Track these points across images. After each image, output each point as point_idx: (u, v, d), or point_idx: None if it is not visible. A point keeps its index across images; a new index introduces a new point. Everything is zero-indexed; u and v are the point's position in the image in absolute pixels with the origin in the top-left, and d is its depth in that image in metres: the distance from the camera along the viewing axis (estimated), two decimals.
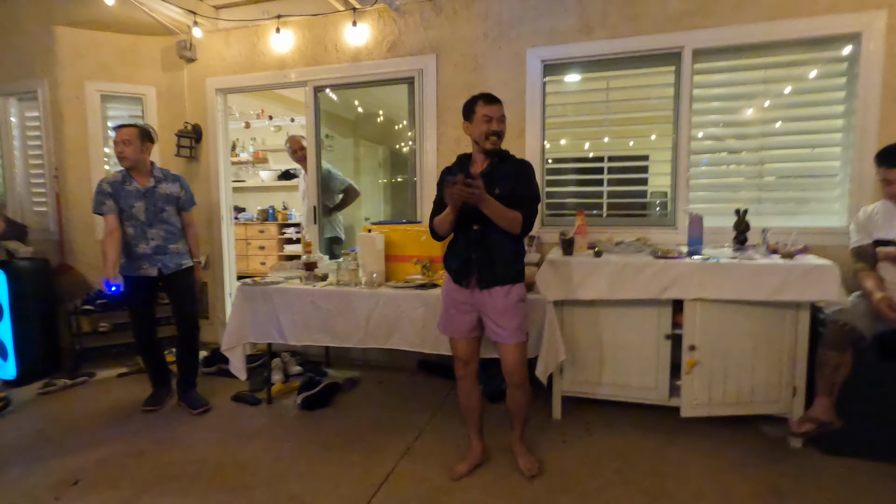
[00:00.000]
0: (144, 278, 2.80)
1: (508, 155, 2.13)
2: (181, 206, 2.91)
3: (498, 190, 1.99)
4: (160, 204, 2.81)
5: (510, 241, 2.06)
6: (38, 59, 3.77)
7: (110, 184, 2.75)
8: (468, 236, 2.07)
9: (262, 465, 2.26)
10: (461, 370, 2.18)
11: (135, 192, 2.76)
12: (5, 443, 2.52)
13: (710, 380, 2.38)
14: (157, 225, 2.81)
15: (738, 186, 2.98)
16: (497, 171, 2.05)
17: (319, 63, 3.53)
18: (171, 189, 2.85)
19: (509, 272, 2.06)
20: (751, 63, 2.82)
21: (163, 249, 2.82)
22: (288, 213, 6.91)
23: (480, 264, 2.05)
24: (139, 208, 2.76)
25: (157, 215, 2.80)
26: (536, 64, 3.06)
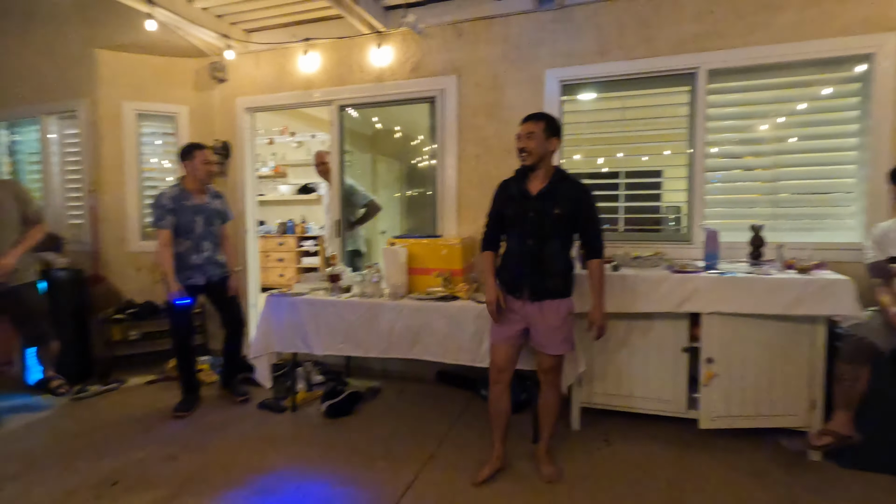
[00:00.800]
0: (192, 287, 3.00)
1: (567, 174, 2.23)
2: (223, 220, 3.18)
3: (557, 210, 2.12)
4: (212, 218, 3.08)
5: (562, 257, 2.18)
6: (79, 80, 3.98)
7: (172, 199, 2.93)
8: (522, 251, 2.19)
9: (289, 471, 2.34)
10: (496, 376, 2.28)
11: (193, 207, 2.99)
12: (45, 444, 2.64)
13: (728, 392, 2.42)
14: (209, 237, 3.06)
15: (752, 202, 3.04)
16: (557, 191, 2.16)
17: (344, 83, 3.68)
18: (218, 204, 3.15)
19: (560, 286, 2.18)
20: (764, 83, 2.89)
21: (211, 260, 3.07)
22: (306, 226, 7.07)
23: (533, 278, 2.17)
24: (198, 222, 2.99)
25: (209, 229, 3.06)
26: (554, 84, 3.17)
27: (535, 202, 2.16)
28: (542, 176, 2.18)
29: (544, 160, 2.17)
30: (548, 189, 2.16)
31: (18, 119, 4.31)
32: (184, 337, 3.05)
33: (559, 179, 2.18)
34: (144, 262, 4.03)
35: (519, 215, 2.19)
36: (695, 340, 2.49)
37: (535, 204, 2.16)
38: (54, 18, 4.08)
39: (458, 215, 3.42)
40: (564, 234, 2.19)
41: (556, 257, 2.16)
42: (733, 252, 2.77)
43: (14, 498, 2.13)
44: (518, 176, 2.25)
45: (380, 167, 5.60)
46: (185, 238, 2.97)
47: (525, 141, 2.14)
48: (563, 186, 2.17)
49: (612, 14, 3.06)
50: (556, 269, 2.17)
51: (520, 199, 2.20)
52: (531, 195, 2.17)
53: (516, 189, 2.23)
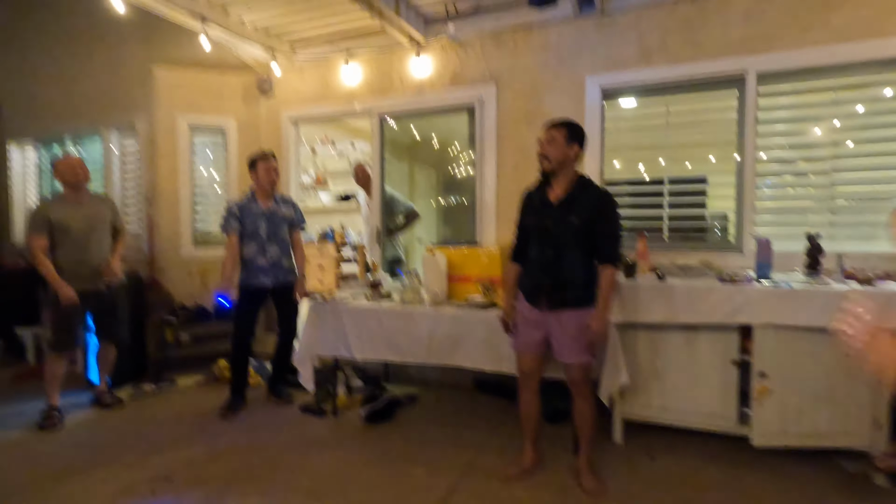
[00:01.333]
0: (259, 289, 3.14)
1: (590, 183, 2.18)
2: (293, 226, 3.30)
3: (576, 219, 2.09)
4: (278, 223, 3.20)
5: (582, 266, 2.13)
6: (138, 96, 4.23)
7: (239, 207, 3.13)
8: (542, 260, 2.17)
9: (332, 473, 2.38)
10: (523, 381, 2.30)
11: (259, 212, 3.14)
12: (104, 440, 2.79)
13: (784, 409, 2.30)
14: (275, 242, 3.17)
15: (805, 210, 2.90)
16: (576, 200, 2.12)
17: (385, 94, 3.76)
18: (287, 211, 3.26)
19: (579, 296, 2.13)
20: (819, 85, 2.78)
21: (278, 264, 3.19)
22: (345, 233, 7.23)
23: (551, 287, 2.14)
24: (263, 227, 3.13)
25: (276, 233, 3.17)
26: (595, 90, 3.14)
27: (554, 211, 2.14)
28: (564, 184, 2.16)
29: (565, 167, 2.14)
30: (567, 198, 2.13)
31: (83, 133, 4.61)
32: (244, 337, 3.18)
33: (580, 188, 2.15)
34: (196, 268, 4.22)
35: (538, 224, 2.18)
36: (746, 353, 2.39)
37: (554, 213, 2.14)
38: (117, 39, 4.36)
39: (497, 223, 3.42)
40: (584, 244, 2.12)
41: (576, 267, 2.12)
42: (785, 262, 2.65)
43: (77, 490, 2.25)
44: (540, 184, 2.24)
45: (416, 176, 5.67)
46: (251, 242, 3.12)
47: (546, 147, 2.14)
48: (583, 195, 2.13)
49: (656, 19, 3.01)
50: (574, 279, 2.13)
51: (540, 208, 2.19)
52: (551, 204, 2.16)
53: (537, 198, 2.23)
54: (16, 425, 2.97)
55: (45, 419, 2.94)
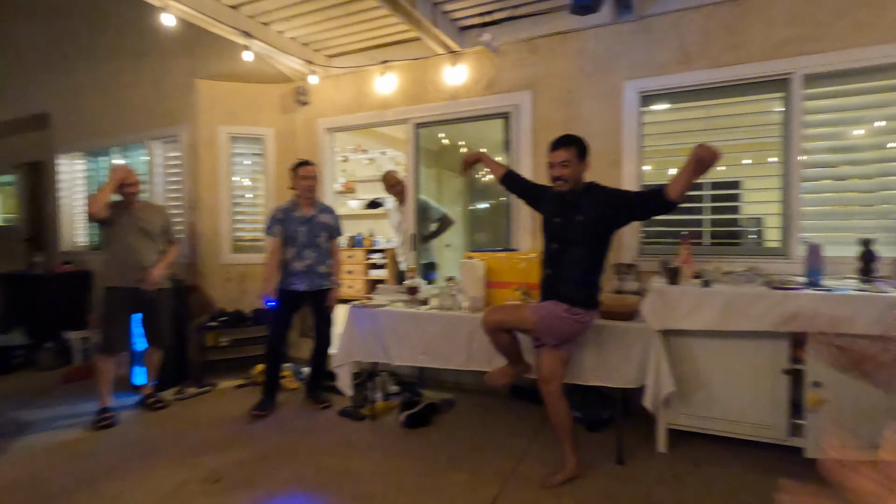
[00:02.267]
0: (294, 292, 3.23)
1: (594, 185, 2.29)
2: (331, 234, 3.37)
3: (581, 217, 2.19)
4: (317, 230, 3.28)
5: (582, 266, 2.21)
6: (180, 108, 4.39)
7: (282, 211, 3.25)
8: (548, 253, 2.30)
9: (376, 478, 2.40)
10: (542, 387, 2.32)
11: (299, 218, 3.24)
12: (152, 441, 2.88)
13: (839, 419, 2.23)
14: (312, 248, 3.25)
15: (851, 214, 2.81)
16: (582, 201, 2.23)
17: (420, 102, 3.81)
18: (326, 219, 3.35)
19: (571, 293, 2.20)
20: (868, 86, 2.70)
21: (313, 269, 3.26)
22: (374, 239, 7.31)
23: (549, 281, 2.25)
24: (301, 232, 3.22)
25: (313, 240, 3.26)
26: (633, 95, 3.12)
27: (563, 208, 2.27)
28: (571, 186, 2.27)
29: (578, 183, 2.25)
30: (572, 197, 2.24)
31: (128, 144, 4.80)
32: (278, 338, 3.29)
33: (586, 189, 2.26)
34: (234, 274, 4.33)
35: (548, 220, 2.33)
36: (797, 362, 2.33)
37: (563, 210, 2.26)
38: (161, 53, 4.54)
39: (534, 229, 3.41)
40: (590, 242, 2.21)
41: (578, 265, 2.20)
42: (835, 268, 2.57)
43: (129, 488, 2.33)
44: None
45: (445, 182, 5.71)
46: (290, 246, 3.22)
47: (560, 169, 2.21)
48: (588, 194, 2.23)
49: (695, 22, 2.98)
50: (574, 277, 2.20)
51: (551, 203, 2.35)
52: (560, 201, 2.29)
53: (553, 192, 2.36)
54: (68, 425, 3.10)
55: (100, 419, 3.06)
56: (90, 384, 3.59)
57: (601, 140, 3.19)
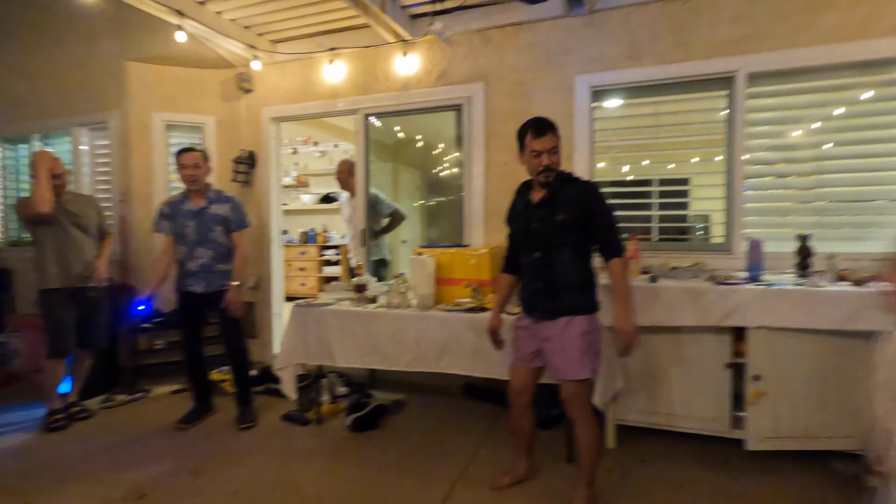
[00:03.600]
0: (192, 294, 2.94)
1: (571, 177, 2.04)
2: (228, 227, 2.99)
3: (561, 216, 1.94)
4: (209, 224, 2.94)
5: (576, 268, 1.97)
6: (110, 93, 4.05)
7: (169, 205, 2.96)
8: (531, 264, 2.03)
9: (319, 487, 2.27)
10: (514, 398, 2.16)
11: (188, 212, 2.93)
12: (74, 454, 2.63)
13: (778, 412, 2.28)
14: (205, 244, 2.93)
15: (793, 211, 2.90)
16: (559, 197, 1.98)
17: (370, 92, 3.67)
18: (220, 210, 2.98)
19: (575, 302, 1.96)
20: (806, 86, 2.78)
21: (209, 268, 2.94)
22: (328, 235, 7.09)
23: (544, 294, 1.98)
24: (191, 227, 2.91)
25: (206, 235, 2.93)
26: (585, 90, 3.10)
27: (538, 210, 2.00)
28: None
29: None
30: (549, 195, 1.98)
31: (51, 131, 4.40)
32: (189, 345, 3.01)
33: (561, 183, 1.99)
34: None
35: (523, 227, 2.04)
36: (739, 356, 2.37)
37: (538, 212, 1.99)
38: (86, 32, 4.17)
39: (486, 224, 3.35)
40: (575, 242, 1.96)
41: (568, 269, 1.94)
42: (775, 263, 2.64)
43: None
44: (522, 188, 2.13)
45: (401, 176, 5.58)
46: (180, 244, 2.93)
47: (549, 157, 1.93)
48: (565, 190, 1.98)
49: (645, 18, 2.98)
50: (569, 282, 1.94)
51: (523, 211, 2.06)
52: (532, 204, 2.02)
53: (520, 201, 2.10)
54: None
55: (51, 422, 2.95)
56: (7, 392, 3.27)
57: None
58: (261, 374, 3.61)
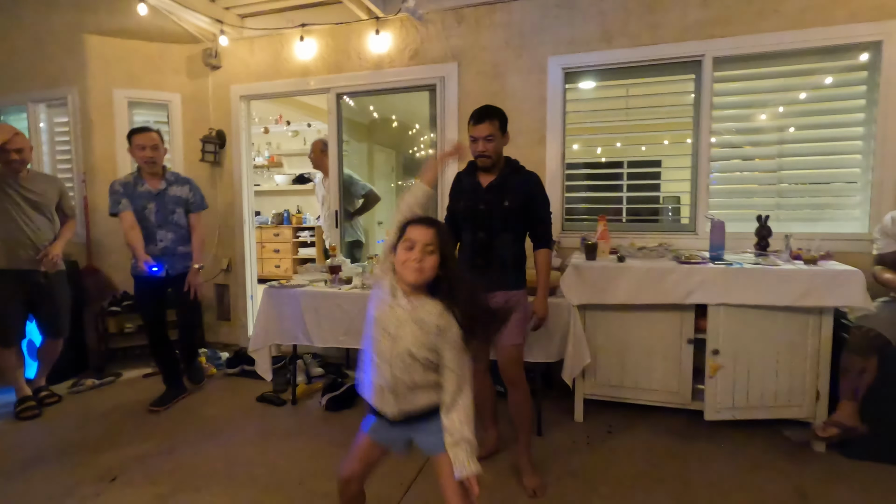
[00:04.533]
0: (150, 278, 2.83)
1: (518, 166, 2.21)
2: (188, 209, 2.98)
3: (507, 202, 2.09)
4: (170, 206, 2.90)
5: (513, 249, 2.15)
6: (68, 67, 3.87)
7: (122, 185, 2.84)
8: (474, 243, 2.16)
9: (293, 465, 2.31)
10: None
11: (146, 193, 2.85)
12: (42, 440, 2.59)
13: (734, 384, 2.41)
14: (167, 227, 2.89)
15: (754, 193, 3.01)
16: (507, 183, 2.13)
17: (342, 70, 3.60)
18: (180, 192, 2.94)
19: (511, 279, 2.14)
20: (770, 71, 2.85)
21: (171, 251, 2.92)
22: (303, 216, 7.01)
23: (484, 271, 2.13)
24: (150, 210, 2.84)
25: (167, 217, 2.89)
26: (557, 72, 3.11)
27: (486, 194, 2.14)
28: (495, 168, 2.16)
29: (500, 160, 2.16)
30: (498, 181, 2.14)
31: (5, 107, 4.19)
32: (153, 330, 2.96)
33: (511, 171, 2.16)
34: None
35: (470, 208, 2.17)
36: (700, 332, 2.47)
37: (486, 196, 2.13)
38: (42, 3, 3.95)
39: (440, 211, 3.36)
40: (516, 227, 2.15)
41: (507, 250, 2.12)
42: (738, 243, 2.75)
43: (15, 495, 2.08)
44: (469, 168, 2.24)
45: (376, 157, 5.54)
46: (140, 227, 2.81)
47: (484, 144, 2.08)
48: (513, 178, 2.14)
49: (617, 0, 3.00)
50: (507, 262, 2.12)
51: (471, 192, 2.18)
52: (482, 187, 2.16)
53: (468, 182, 2.21)
54: None
55: (23, 409, 2.86)
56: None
57: (527, 117, 3.18)
58: (235, 356, 3.59)
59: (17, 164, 2.79)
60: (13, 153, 2.75)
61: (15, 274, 2.82)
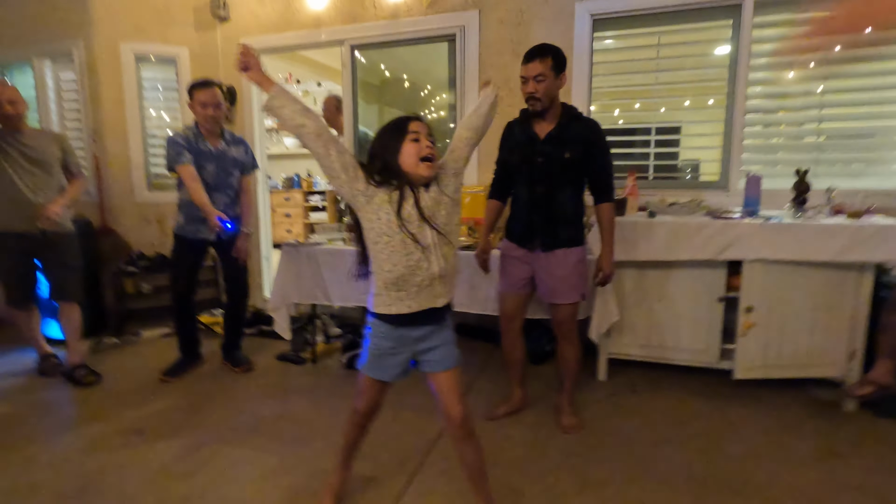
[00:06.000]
0: (200, 241, 2.74)
1: (577, 112, 2.06)
2: (243, 171, 2.81)
3: (568, 154, 1.97)
4: (229, 168, 2.72)
5: (572, 204, 2.05)
6: (72, 18, 3.72)
7: (185, 139, 2.59)
8: (532, 199, 2.06)
9: (316, 420, 2.30)
10: (506, 325, 2.23)
11: (207, 153, 2.64)
12: (68, 396, 2.61)
13: (766, 342, 2.35)
14: (222, 190, 2.71)
15: (790, 147, 2.87)
16: (567, 133, 2.00)
17: (356, 21, 3.44)
18: (237, 153, 2.76)
19: (571, 235, 2.05)
20: (810, 17, 2.66)
21: (225, 215, 2.67)
22: (313, 180, 6.91)
23: (544, 228, 2.05)
24: (210, 171, 2.64)
25: (225, 180, 2.71)
26: (585, 18, 2.94)
27: (544, 146, 2.00)
28: (551, 116, 2.01)
29: (554, 101, 1.99)
30: (557, 131, 2.00)
31: (8, 62, 4.07)
32: (184, 292, 2.80)
33: (569, 120, 2.01)
34: (152, 214, 3.91)
35: (526, 161, 2.04)
36: (731, 290, 2.40)
37: (544, 148, 2.00)
38: None
39: (479, 162, 3.26)
40: (576, 180, 2.05)
41: (567, 204, 2.03)
42: (771, 200, 2.63)
43: (43, 446, 2.10)
44: (523, 117, 2.09)
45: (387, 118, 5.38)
46: None
47: (534, 85, 1.93)
48: (573, 127, 2.00)
49: None
50: (567, 217, 2.04)
51: (526, 144, 2.04)
52: (538, 139, 2.02)
53: (521, 132, 2.07)
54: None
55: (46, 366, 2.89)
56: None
57: None
58: (252, 317, 3.58)
59: (13, 118, 2.63)
60: (6, 105, 2.58)
61: (14, 234, 2.68)
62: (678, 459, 1.95)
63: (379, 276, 1.39)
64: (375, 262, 1.39)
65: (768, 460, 1.94)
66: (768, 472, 1.86)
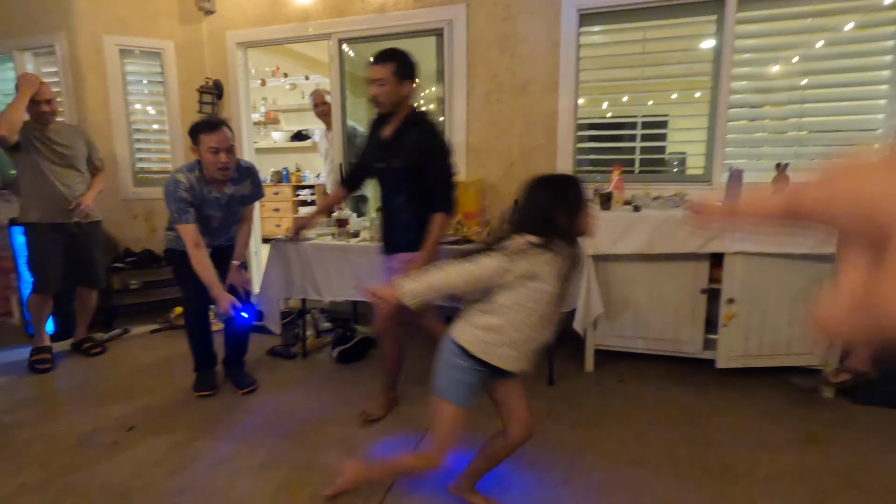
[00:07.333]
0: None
1: (418, 119, 2.02)
2: (245, 203, 2.55)
3: (398, 162, 1.98)
4: (235, 209, 2.51)
5: (411, 210, 2.03)
6: (54, 11, 3.66)
7: (189, 191, 2.26)
8: (382, 202, 2.15)
9: (308, 413, 2.33)
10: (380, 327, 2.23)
11: (214, 202, 2.37)
12: (57, 392, 2.61)
13: (747, 332, 2.41)
14: (227, 228, 2.55)
15: (772, 142, 2.93)
16: (400, 141, 1.99)
17: (344, 14, 3.42)
18: (244, 189, 2.49)
19: (409, 240, 2.04)
20: (795, 11, 2.71)
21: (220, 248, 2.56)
22: (302, 174, 6.87)
23: (387, 231, 2.13)
24: (217, 218, 2.43)
25: (231, 220, 2.52)
26: (572, 12, 2.96)
27: (383, 151, 2.05)
28: (395, 121, 2.02)
29: (400, 106, 2.00)
30: (392, 138, 2.00)
31: None
32: (195, 309, 2.55)
33: (407, 126, 1.99)
34: (139, 210, 3.88)
35: (373, 163, 2.11)
36: (713, 282, 2.45)
37: (383, 154, 2.05)
38: None
39: (468, 156, 3.28)
40: (413, 187, 1.99)
41: (405, 211, 2.02)
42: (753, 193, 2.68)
43: (32, 441, 2.10)
44: (374, 123, 2.14)
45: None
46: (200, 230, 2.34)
47: (375, 88, 1.94)
48: (408, 135, 1.98)
49: None
50: (405, 223, 2.03)
51: (375, 146, 2.10)
52: (381, 142, 2.06)
53: (376, 134, 2.10)
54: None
55: (37, 361, 2.87)
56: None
57: (539, 61, 3.05)
58: None
59: (49, 116, 2.79)
60: (43, 104, 2.73)
61: (50, 227, 2.84)
62: (661, 445, 2.01)
63: (499, 331, 1.35)
64: (502, 318, 1.34)
65: (749, 445, 2.00)
66: (749, 457, 1.92)
